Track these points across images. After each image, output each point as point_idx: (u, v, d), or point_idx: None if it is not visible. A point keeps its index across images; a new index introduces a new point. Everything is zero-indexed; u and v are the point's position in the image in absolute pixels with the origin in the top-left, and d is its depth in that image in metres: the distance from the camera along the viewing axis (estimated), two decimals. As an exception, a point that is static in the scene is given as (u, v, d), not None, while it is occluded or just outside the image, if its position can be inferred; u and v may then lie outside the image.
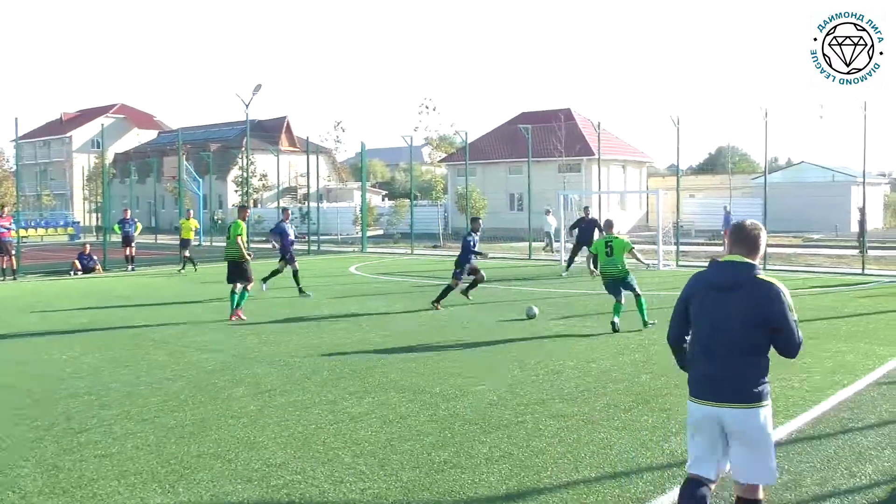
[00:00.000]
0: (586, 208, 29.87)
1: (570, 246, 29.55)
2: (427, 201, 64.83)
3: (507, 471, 7.52)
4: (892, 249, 36.14)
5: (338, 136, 62.00)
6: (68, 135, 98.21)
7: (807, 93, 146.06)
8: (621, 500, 6.83)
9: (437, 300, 18.65)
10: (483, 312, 18.19)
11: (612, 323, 15.29)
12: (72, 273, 29.86)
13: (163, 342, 14.84)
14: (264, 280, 22.10)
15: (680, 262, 30.67)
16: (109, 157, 79.42)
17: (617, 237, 16.22)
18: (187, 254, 31.66)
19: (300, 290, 21.63)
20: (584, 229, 27.68)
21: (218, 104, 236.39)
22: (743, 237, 5.41)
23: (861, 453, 7.89)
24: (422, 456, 7.96)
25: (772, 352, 5.43)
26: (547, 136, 52.52)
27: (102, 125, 43.40)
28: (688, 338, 5.62)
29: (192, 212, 37.69)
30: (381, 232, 59.95)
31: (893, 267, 28.62)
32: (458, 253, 19.71)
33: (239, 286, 17.94)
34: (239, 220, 19.01)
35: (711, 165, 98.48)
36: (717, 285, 5.34)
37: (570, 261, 28.57)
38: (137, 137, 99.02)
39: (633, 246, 16.45)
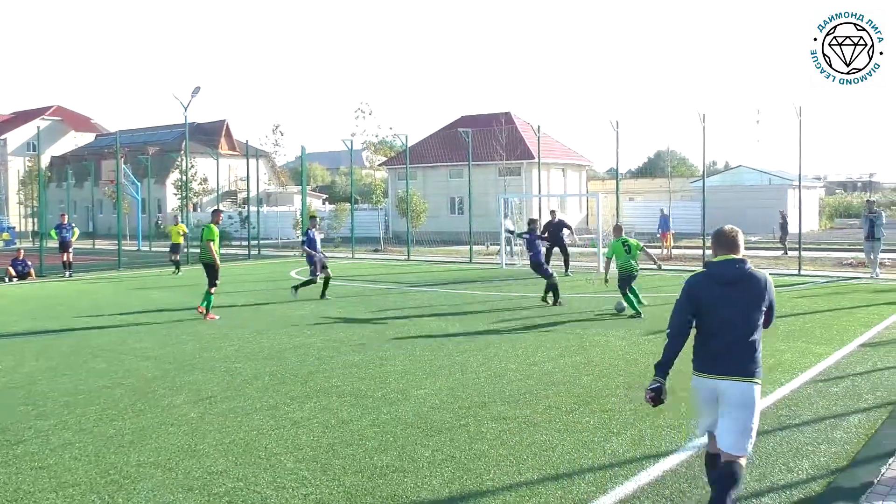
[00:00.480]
0: (553, 211, 30.18)
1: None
2: (368, 205, 64.67)
3: (449, 474, 7.55)
4: (827, 251, 36.74)
5: (276, 140, 61.53)
6: (2, 137, 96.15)
7: (807, 92, 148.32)
8: (564, 501, 6.90)
9: (555, 300, 19.53)
10: (423, 316, 18.19)
11: (617, 307, 18.13)
12: (6, 279, 29.31)
13: (101, 350, 14.64)
14: (295, 288, 21.87)
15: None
16: (46, 161, 78.24)
17: (629, 238, 18.51)
18: (177, 257, 32.81)
19: (323, 295, 21.55)
20: (553, 231, 28.12)
21: (156, 106, 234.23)
22: (726, 241, 6.36)
23: (798, 449, 8.07)
24: (364, 460, 7.96)
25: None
26: (487, 139, 52.67)
27: (38, 127, 42.63)
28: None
29: (179, 217, 39.21)
30: (321, 236, 59.58)
31: (828, 268, 29.15)
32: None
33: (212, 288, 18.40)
34: (211, 225, 19.02)
35: (650, 169, 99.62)
36: (721, 281, 6.21)
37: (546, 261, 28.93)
38: (74, 140, 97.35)
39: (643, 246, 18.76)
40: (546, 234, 28.43)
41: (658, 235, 39.88)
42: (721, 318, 6.15)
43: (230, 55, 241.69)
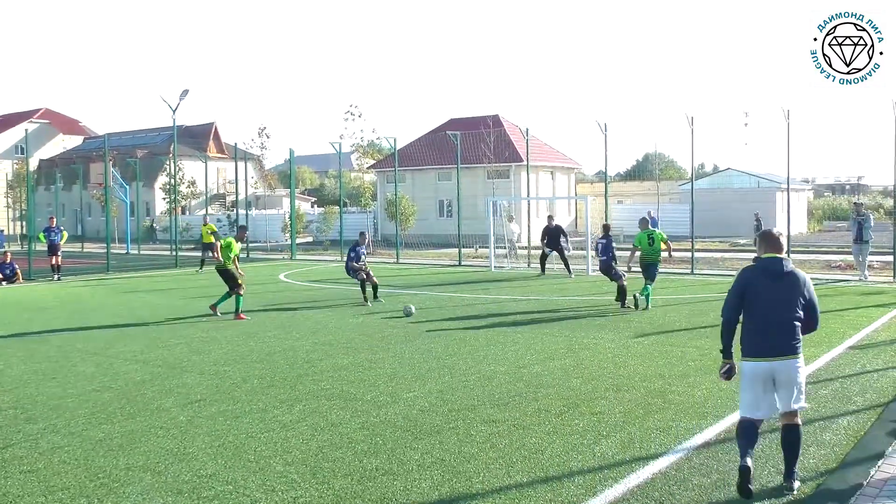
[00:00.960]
0: (550, 217, 30.29)
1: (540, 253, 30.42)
2: (356, 208, 64.64)
3: (438, 477, 7.55)
4: (815, 254, 36.84)
5: (263, 143, 61.25)
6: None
7: (804, 93, 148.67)
8: (553, 503, 6.90)
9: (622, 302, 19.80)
10: (412, 319, 18.19)
11: (636, 297, 19.03)
12: (-4, 283, 29.23)
13: (90, 353, 14.59)
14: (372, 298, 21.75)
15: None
16: (34, 164, 78.01)
17: (655, 231, 19.63)
18: (210, 255, 32.92)
19: (375, 297, 21.50)
20: (552, 236, 28.52)
21: (144, 109, 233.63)
22: (772, 242, 7.54)
23: (787, 452, 8.07)
24: (353, 463, 7.95)
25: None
26: (475, 142, 52.68)
27: (26, 130, 42.41)
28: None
29: (207, 217, 40.40)
30: (310, 239, 59.64)
31: (817, 270, 29.22)
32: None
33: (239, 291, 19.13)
34: (232, 240, 19.78)
35: (639, 172, 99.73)
36: (769, 274, 7.34)
37: (543, 265, 29.81)
38: (63, 143, 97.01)
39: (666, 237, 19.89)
40: (546, 239, 28.83)
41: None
42: (769, 305, 7.26)
43: (219, 58, 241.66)
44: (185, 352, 14.52)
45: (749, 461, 6.98)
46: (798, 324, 7.34)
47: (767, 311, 7.27)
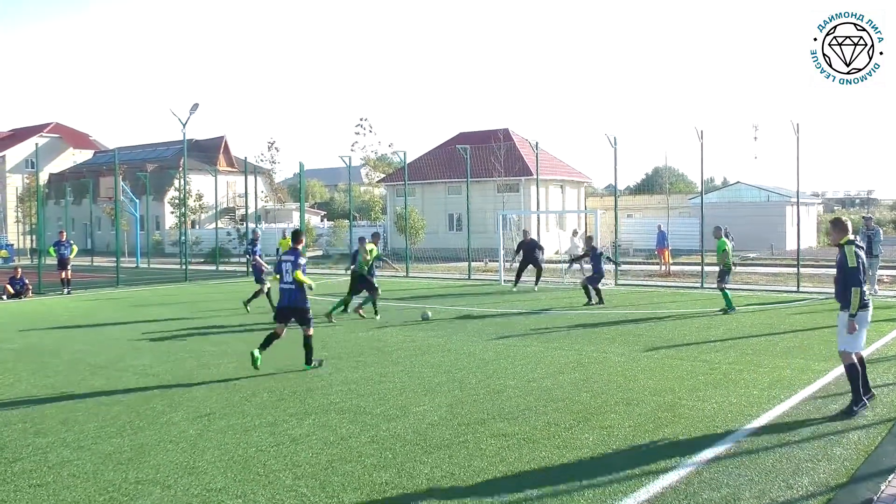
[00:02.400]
0: (525, 231, 30.43)
1: (516, 266, 30.10)
2: (366, 222, 64.70)
3: (448, 491, 7.54)
4: (825, 268, 36.70)
5: (272, 157, 61.49)
6: (1, 154, 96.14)
7: (806, 99, 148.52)
8: (562, 518, 6.89)
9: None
10: (422, 332, 18.19)
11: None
12: (4, 297, 29.27)
13: (99, 367, 14.62)
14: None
15: (619, 281, 30.92)
16: (44, 178, 78.25)
17: (725, 240, 21.22)
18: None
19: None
20: (527, 250, 28.41)
21: (155, 123, 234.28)
22: (847, 228, 10.73)
23: (798, 466, 8.05)
24: (363, 477, 7.95)
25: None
26: (485, 156, 52.71)
27: (37, 144, 42.55)
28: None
29: (286, 231, 40.29)
30: (320, 253, 59.72)
31: (827, 284, 29.09)
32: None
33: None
34: (374, 247, 20.92)
35: (649, 185, 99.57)
36: (861, 249, 10.43)
37: (518, 278, 29.33)
38: (73, 157, 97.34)
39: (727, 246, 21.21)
40: (520, 253, 28.86)
41: (655, 252, 39.84)
42: (865, 272, 10.35)
43: (229, 72, 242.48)
44: (195, 365, 14.53)
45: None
46: None
47: (864, 277, 10.30)
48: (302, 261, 14.11)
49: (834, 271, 10.91)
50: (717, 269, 22.00)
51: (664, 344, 16.06)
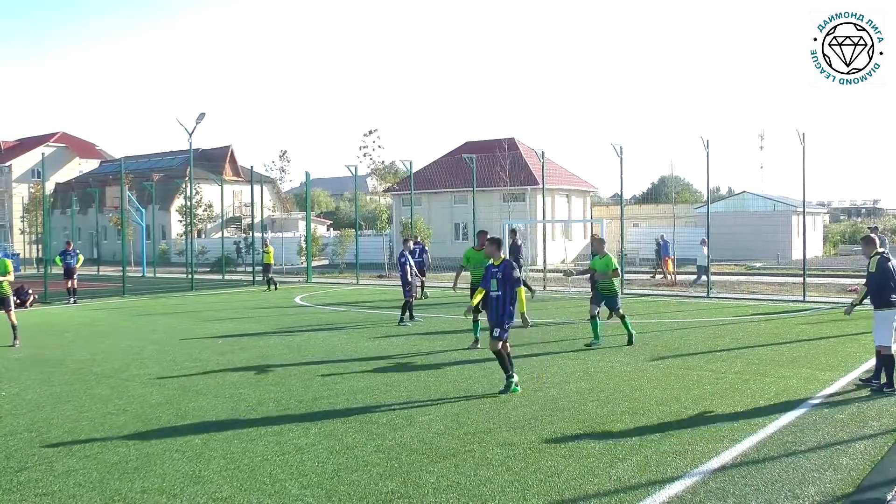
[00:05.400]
0: (513, 231, 29.99)
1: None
2: (372, 231, 64.67)
3: (454, 500, 7.53)
4: (831, 277, 36.70)
5: (283, 167, 61.24)
6: (7, 164, 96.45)
7: (809, 95, 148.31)
8: (568, 528, 6.88)
9: None
10: (428, 341, 18.19)
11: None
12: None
13: (105, 376, 14.64)
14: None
15: (625, 291, 30.89)
16: (50, 187, 78.43)
17: (606, 256, 17.66)
18: (270, 276, 36.58)
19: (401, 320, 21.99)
20: (512, 251, 27.98)
21: (161, 133, 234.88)
22: (875, 242, 12.77)
23: (804, 475, 8.03)
24: (369, 486, 7.94)
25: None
26: (491, 165, 52.72)
27: (43, 154, 42.85)
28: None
29: (268, 240, 41.44)
30: (326, 262, 59.74)
31: (833, 294, 29.12)
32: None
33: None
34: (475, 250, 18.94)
35: (655, 195, 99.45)
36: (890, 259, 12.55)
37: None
38: (79, 167, 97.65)
39: None
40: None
41: (660, 261, 39.75)
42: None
43: (235, 82, 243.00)
44: (201, 375, 14.54)
45: None
46: None
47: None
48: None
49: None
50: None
51: (670, 353, 16.04)
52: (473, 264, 17.44)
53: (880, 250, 12.56)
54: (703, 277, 31.85)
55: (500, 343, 12.31)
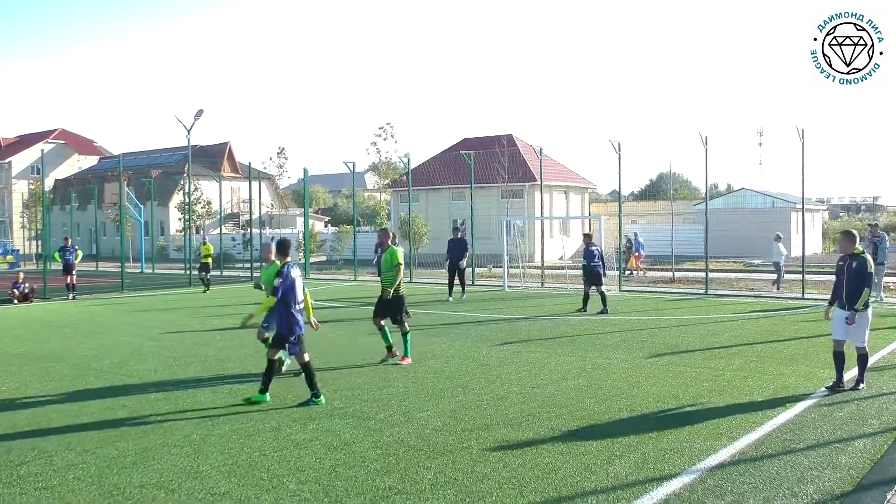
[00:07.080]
0: (455, 228, 29.91)
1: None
2: (370, 227, 64.73)
3: (451, 497, 7.53)
4: (830, 274, 36.58)
5: (281, 163, 61.47)
6: (7, 160, 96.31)
7: (809, 94, 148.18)
8: (566, 524, 6.88)
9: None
10: (425, 338, 18.19)
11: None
12: (15, 301, 29.38)
13: (104, 371, 14.64)
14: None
15: (623, 287, 30.93)
16: (49, 184, 78.41)
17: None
18: (206, 275, 35.32)
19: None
20: (455, 249, 27.85)
21: (159, 129, 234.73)
22: (856, 239, 12.39)
23: (803, 474, 8.03)
24: (366, 482, 7.94)
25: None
26: (489, 161, 52.70)
27: (42, 150, 42.80)
28: None
29: (206, 237, 40.83)
30: (324, 258, 59.75)
31: (831, 291, 29.04)
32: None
33: None
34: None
35: (653, 192, 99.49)
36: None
37: (450, 286, 28.10)
38: (78, 163, 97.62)
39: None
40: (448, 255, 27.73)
41: (633, 255, 39.98)
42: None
43: (233, 78, 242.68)
44: (199, 370, 14.55)
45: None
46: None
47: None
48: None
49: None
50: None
51: (668, 350, 16.05)
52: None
53: (858, 248, 12.50)
54: (783, 275, 31.46)
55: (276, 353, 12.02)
